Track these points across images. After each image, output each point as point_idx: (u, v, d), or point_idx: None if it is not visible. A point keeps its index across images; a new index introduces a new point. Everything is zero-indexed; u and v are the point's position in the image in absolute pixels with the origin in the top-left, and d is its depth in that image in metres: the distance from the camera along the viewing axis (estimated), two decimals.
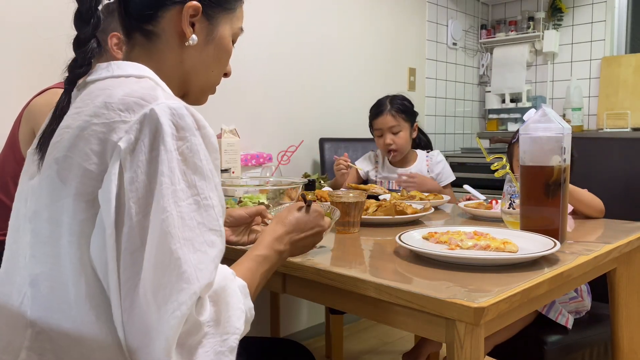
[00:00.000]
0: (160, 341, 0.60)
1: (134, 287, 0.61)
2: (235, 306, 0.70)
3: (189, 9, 0.80)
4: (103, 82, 0.73)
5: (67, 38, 0.77)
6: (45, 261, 0.68)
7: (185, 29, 0.80)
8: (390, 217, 1.35)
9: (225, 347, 0.67)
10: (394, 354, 2.44)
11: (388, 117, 2.10)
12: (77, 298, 0.66)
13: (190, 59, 0.84)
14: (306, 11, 2.58)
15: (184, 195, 0.63)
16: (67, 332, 0.67)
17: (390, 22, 3.06)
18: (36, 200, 0.70)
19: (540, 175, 1.10)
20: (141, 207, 0.62)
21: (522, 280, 0.84)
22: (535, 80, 3.68)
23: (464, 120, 3.75)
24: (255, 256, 0.82)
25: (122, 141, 0.63)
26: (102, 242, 0.63)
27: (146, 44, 0.81)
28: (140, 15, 0.80)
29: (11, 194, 1.41)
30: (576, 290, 1.49)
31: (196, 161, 0.65)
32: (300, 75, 2.57)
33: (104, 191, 0.63)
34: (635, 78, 3.23)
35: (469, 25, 3.69)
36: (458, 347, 0.76)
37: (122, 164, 0.63)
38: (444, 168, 2.18)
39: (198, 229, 0.64)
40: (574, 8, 3.46)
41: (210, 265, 0.64)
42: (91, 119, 0.67)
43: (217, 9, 0.84)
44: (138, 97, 0.67)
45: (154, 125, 0.64)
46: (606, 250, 1.07)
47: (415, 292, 0.79)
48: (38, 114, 1.38)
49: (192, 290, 0.61)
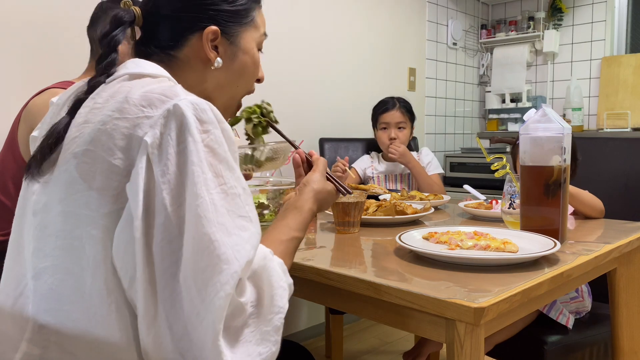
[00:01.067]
0: (207, 323, 0.61)
1: (174, 275, 0.62)
2: (277, 284, 0.70)
3: (208, 34, 0.82)
4: (120, 80, 0.75)
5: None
6: (55, 254, 0.68)
7: (209, 54, 0.83)
8: (390, 217, 1.35)
9: (271, 327, 0.68)
10: (394, 354, 2.44)
11: (397, 113, 2.29)
12: (93, 290, 0.66)
13: (215, 79, 0.86)
14: (306, 11, 2.58)
15: (212, 184, 0.64)
16: (76, 325, 0.67)
17: (390, 22, 3.06)
18: (48, 193, 0.71)
19: (540, 175, 1.10)
20: (174, 197, 0.63)
21: (522, 280, 0.84)
22: (535, 80, 3.68)
23: (464, 120, 3.75)
24: (293, 238, 0.83)
25: (148, 136, 0.64)
26: (128, 236, 0.64)
27: (166, 61, 0.83)
28: (162, 45, 0.83)
29: (11, 194, 1.41)
30: (577, 291, 1.49)
31: (220, 152, 0.67)
32: (300, 75, 2.57)
33: (132, 185, 0.64)
34: (635, 78, 3.23)
35: (469, 25, 3.69)
36: (458, 347, 0.76)
37: (149, 158, 0.64)
38: (433, 160, 2.33)
39: (228, 215, 0.65)
40: (574, 8, 3.46)
41: (247, 246, 0.65)
42: (113, 114, 0.68)
43: (234, 27, 0.85)
44: (159, 94, 0.68)
45: (179, 119, 0.65)
46: (606, 250, 1.07)
47: (415, 292, 0.79)
48: (36, 114, 1.38)
49: (233, 270, 0.62)
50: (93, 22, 1.50)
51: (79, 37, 1.61)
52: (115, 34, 0.78)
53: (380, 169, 2.35)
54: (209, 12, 0.83)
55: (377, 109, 2.35)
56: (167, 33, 0.82)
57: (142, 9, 0.84)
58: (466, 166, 3.18)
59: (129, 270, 0.65)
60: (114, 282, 0.66)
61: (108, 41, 0.78)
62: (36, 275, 0.70)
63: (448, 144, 3.59)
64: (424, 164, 2.30)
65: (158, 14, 0.83)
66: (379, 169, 2.35)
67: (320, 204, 0.93)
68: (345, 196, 1.23)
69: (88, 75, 1.49)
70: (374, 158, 2.41)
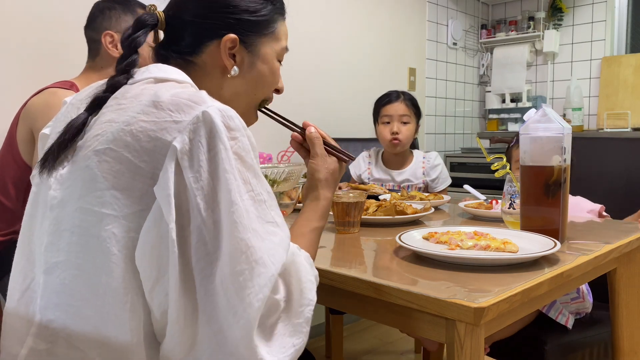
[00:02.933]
0: (244, 322, 0.63)
1: (209, 276, 0.64)
2: (306, 278, 0.73)
3: (226, 42, 0.83)
4: (145, 83, 0.76)
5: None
6: (69, 249, 0.69)
7: (226, 61, 0.84)
8: (390, 217, 1.35)
9: (302, 319, 0.71)
10: (394, 354, 2.44)
11: (401, 105, 2.09)
12: (108, 289, 0.66)
13: (232, 87, 0.88)
14: (306, 11, 2.58)
15: (243, 191, 0.66)
16: (86, 322, 0.67)
17: (390, 22, 3.06)
18: (64, 189, 0.71)
19: (541, 175, 1.10)
20: (208, 202, 0.65)
21: (522, 280, 0.84)
22: (535, 80, 3.68)
23: (464, 120, 3.75)
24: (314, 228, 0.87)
25: (177, 141, 0.65)
26: (155, 238, 0.65)
27: (184, 66, 0.84)
28: (181, 49, 0.84)
29: (10, 195, 1.41)
30: (577, 291, 1.49)
31: (248, 160, 0.69)
32: (300, 75, 2.57)
33: (162, 189, 0.65)
34: (635, 78, 3.23)
35: (469, 25, 3.69)
36: (458, 347, 0.76)
37: (179, 163, 0.65)
38: (442, 172, 2.13)
39: (258, 221, 0.67)
40: (574, 8, 3.46)
41: (279, 250, 0.68)
42: (139, 116, 0.68)
43: (254, 37, 0.87)
44: (187, 99, 0.69)
45: (209, 126, 0.66)
46: (606, 250, 1.07)
47: (415, 292, 0.79)
48: (36, 114, 1.38)
49: (270, 273, 0.65)
50: (90, 22, 1.50)
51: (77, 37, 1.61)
52: (137, 35, 0.80)
53: (377, 175, 2.17)
54: (230, 20, 0.84)
55: (379, 101, 2.15)
56: (187, 39, 0.84)
57: (165, 14, 0.85)
58: (466, 166, 3.18)
59: (153, 272, 0.65)
60: (132, 283, 0.66)
61: (129, 42, 0.79)
62: (48, 269, 0.70)
63: (448, 144, 3.59)
64: (429, 178, 2.10)
65: (180, 19, 0.84)
66: (375, 175, 2.17)
67: (331, 185, 0.94)
68: (346, 196, 1.23)
69: (86, 76, 1.50)
70: (372, 157, 2.22)
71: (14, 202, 1.41)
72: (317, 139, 0.96)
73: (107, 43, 1.45)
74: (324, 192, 0.91)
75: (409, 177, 2.13)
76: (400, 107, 2.09)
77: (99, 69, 1.50)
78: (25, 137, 1.40)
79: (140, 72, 0.79)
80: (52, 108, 1.36)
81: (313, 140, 0.96)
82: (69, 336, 0.68)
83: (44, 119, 1.35)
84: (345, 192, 1.29)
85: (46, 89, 1.41)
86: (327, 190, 0.92)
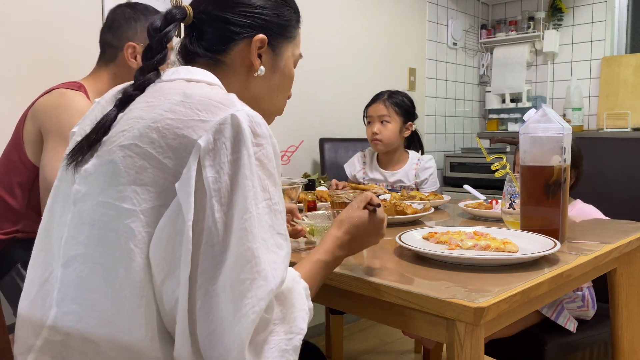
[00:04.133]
0: (238, 330, 0.63)
1: (211, 278, 0.65)
2: (300, 307, 0.73)
3: (256, 41, 0.85)
4: (174, 83, 0.76)
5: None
6: (88, 243, 0.69)
7: (254, 60, 0.85)
8: (390, 217, 1.35)
9: (290, 346, 0.70)
10: (394, 354, 2.44)
11: (380, 106, 2.12)
12: (125, 283, 0.67)
13: (256, 87, 0.88)
14: (306, 11, 2.57)
15: (260, 198, 0.67)
16: (102, 315, 0.68)
17: (390, 22, 3.06)
18: (89, 183, 0.71)
19: (540, 175, 1.10)
20: (223, 205, 0.65)
21: (522, 280, 0.84)
22: (535, 80, 3.68)
23: (464, 120, 3.75)
24: (317, 260, 0.83)
25: (202, 140, 0.66)
26: (171, 233, 0.65)
27: (211, 67, 0.84)
28: (209, 47, 0.84)
29: (16, 195, 1.41)
30: (582, 300, 1.49)
31: (270, 168, 0.69)
32: (300, 75, 2.56)
33: (183, 186, 0.65)
34: (635, 78, 3.23)
35: (469, 25, 3.69)
36: (458, 347, 0.76)
37: (201, 161, 0.65)
38: (432, 175, 2.14)
39: (269, 231, 0.67)
40: (574, 8, 3.46)
41: (282, 265, 0.68)
42: (166, 114, 0.69)
43: (280, 39, 0.89)
44: (217, 101, 0.69)
45: (236, 129, 0.66)
46: (606, 250, 1.07)
47: (415, 292, 0.79)
48: (44, 114, 1.37)
49: (270, 288, 0.65)
50: (111, 27, 1.48)
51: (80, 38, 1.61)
52: (167, 30, 0.79)
53: (371, 175, 2.19)
54: (260, 21, 0.85)
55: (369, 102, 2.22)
56: (216, 36, 0.84)
57: (193, 8, 0.85)
58: (466, 166, 3.18)
59: (165, 267, 0.66)
60: (148, 278, 0.67)
61: (160, 38, 0.79)
62: (66, 262, 0.70)
63: (448, 144, 3.59)
64: (419, 179, 2.12)
65: (210, 14, 0.84)
66: (369, 175, 2.20)
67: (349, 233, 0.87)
68: (345, 195, 1.23)
69: (96, 77, 1.49)
70: (367, 157, 2.24)
71: (19, 202, 1.41)
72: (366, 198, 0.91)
73: (128, 54, 1.45)
74: (338, 232, 0.87)
75: (401, 178, 2.15)
76: (379, 108, 2.12)
77: (111, 75, 1.49)
78: (33, 137, 1.39)
79: (169, 73, 0.79)
80: (61, 109, 1.35)
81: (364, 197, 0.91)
82: (83, 329, 0.68)
83: (52, 120, 1.35)
84: (344, 192, 1.29)
85: (54, 89, 1.41)
86: (343, 233, 0.87)
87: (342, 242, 0.87)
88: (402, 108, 2.13)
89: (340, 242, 0.86)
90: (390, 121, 2.10)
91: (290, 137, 2.47)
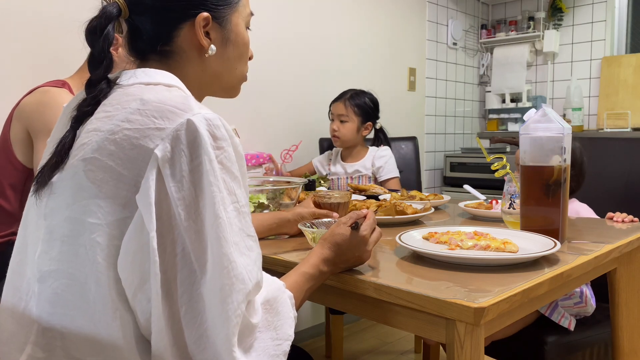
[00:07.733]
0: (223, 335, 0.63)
1: (193, 283, 0.65)
2: (287, 315, 0.76)
3: (200, 21, 0.80)
4: (132, 88, 0.73)
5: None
6: (60, 259, 0.68)
7: (202, 41, 0.81)
8: (390, 217, 1.35)
9: (280, 352, 0.72)
10: (394, 354, 2.44)
11: (340, 105, 2.23)
12: (97, 297, 0.66)
13: (213, 66, 0.85)
14: (306, 11, 2.57)
15: (227, 202, 0.66)
16: (80, 330, 0.67)
17: (390, 22, 3.06)
18: (56, 198, 0.70)
19: (540, 175, 1.10)
20: (189, 213, 0.64)
21: (523, 280, 0.84)
22: (535, 80, 3.68)
23: (464, 120, 3.75)
24: (302, 272, 0.86)
25: (158, 149, 0.64)
26: (136, 246, 0.64)
27: (163, 60, 0.81)
28: (154, 39, 0.80)
29: (8, 197, 1.41)
30: (580, 296, 1.49)
31: (233, 170, 0.68)
32: (300, 75, 2.57)
33: (143, 197, 0.64)
34: (635, 78, 3.23)
35: (469, 25, 3.69)
36: (458, 347, 0.76)
37: (160, 171, 0.64)
38: (387, 163, 2.25)
39: (239, 234, 0.67)
40: (574, 8, 3.46)
41: (255, 267, 0.68)
42: (123, 124, 0.67)
43: (223, 10, 0.83)
44: (172, 106, 0.68)
45: (193, 135, 0.65)
46: (606, 250, 1.07)
47: (415, 292, 0.79)
48: (30, 113, 1.37)
49: (247, 290, 0.66)
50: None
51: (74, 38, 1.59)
52: (106, 31, 0.75)
53: (334, 170, 2.32)
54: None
55: None
56: (157, 26, 0.79)
57: (126, 2, 0.78)
58: (466, 166, 3.19)
59: (134, 280, 0.65)
60: (117, 290, 0.66)
61: (101, 43, 0.74)
62: (41, 278, 0.70)
63: (448, 144, 3.59)
64: (375, 167, 2.24)
65: (144, 4, 0.79)
66: (332, 169, 2.33)
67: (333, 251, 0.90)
68: (331, 196, 1.24)
69: (81, 75, 1.48)
70: (333, 155, 2.38)
71: (12, 204, 1.41)
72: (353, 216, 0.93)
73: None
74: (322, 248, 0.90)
75: (358, 168, 2.28)
76: (339, 107, 2.24)
77: None
78: (21, 137, 1.38)
79: (127, 77, 0.76)
80: (45, 106, 1.35)
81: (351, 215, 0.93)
82: (66, 345, 0.68)
83: (39, 118, 1.35)
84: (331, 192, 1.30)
85: (37, 88, 1.40)
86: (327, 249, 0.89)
87: (325, 257, 0.88)
88: (362, 109, 2.24)
89: (324, 258, 0.88)
90: (348, 120, 2.22)
91: (290, 137, 2.47)
